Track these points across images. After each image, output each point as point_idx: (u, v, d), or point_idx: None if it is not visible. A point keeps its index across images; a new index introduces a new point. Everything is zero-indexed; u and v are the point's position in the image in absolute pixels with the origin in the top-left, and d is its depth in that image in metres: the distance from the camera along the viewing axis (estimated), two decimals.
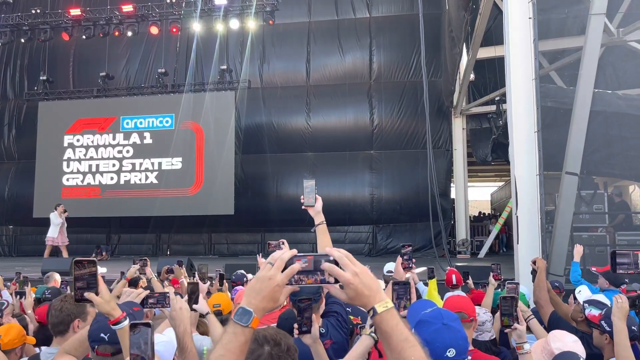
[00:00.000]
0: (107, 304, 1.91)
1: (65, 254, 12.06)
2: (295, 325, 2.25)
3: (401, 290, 2.10)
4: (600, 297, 3.75)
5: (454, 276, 5.00)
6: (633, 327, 2.83)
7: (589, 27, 7.53)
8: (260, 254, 3.89)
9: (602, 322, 2.99)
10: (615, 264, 2.67)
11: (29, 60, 17.70)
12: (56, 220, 12.28)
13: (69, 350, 2.29)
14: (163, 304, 2.56)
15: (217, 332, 2.78)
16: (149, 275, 4.87)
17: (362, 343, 2.11)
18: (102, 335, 1.99)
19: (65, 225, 12.44)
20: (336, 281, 1.18)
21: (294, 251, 1.19)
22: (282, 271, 1.16)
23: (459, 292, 4.25)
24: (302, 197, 2.59)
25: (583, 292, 3.85)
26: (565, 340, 2.62)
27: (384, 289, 2.11)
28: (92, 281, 1.89)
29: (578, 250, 5.20)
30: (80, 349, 2.19)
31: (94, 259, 1.92)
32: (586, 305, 3.41)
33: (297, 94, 16.16)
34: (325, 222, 2.62)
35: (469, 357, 2.50)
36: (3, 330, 3.14)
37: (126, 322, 1.93)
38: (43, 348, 2.76)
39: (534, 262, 4.08)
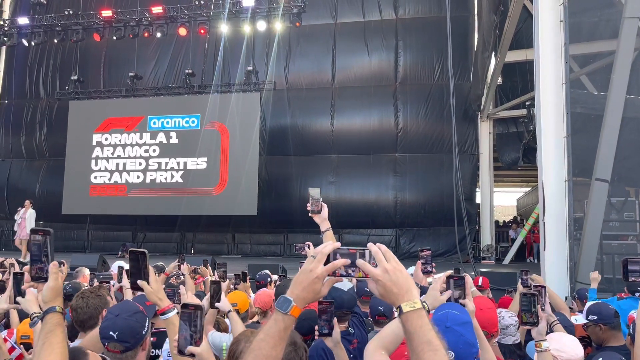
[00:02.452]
0: (155, 294, 1.99)
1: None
2: (316, 327, 2.25)
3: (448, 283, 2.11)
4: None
5: (480, 279, 4.96)
6: None
7: (622, 30, 7.36)
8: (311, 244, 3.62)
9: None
10: (627, 271, 2.66)
11: (61, 60, 18.17)
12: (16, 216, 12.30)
13: (88, 345, 2.34)
14: (173, 300, 2.61)
15: (238, 329, 2.79)
16: (184, 271, 5.00)
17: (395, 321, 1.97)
18: (111, 333, 2.05)
19: (25, 219, 12.06)
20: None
21: (337, 244, 1.25)
22: (325, 264, 1.21)
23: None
24: (308, 204, 2.71)
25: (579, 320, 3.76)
26: (563, 341, 2.63)
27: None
28: (143, 271, 1.99)
29: (594, 277, 5.07)
30: (98, 345, 2.24)
31: (145, 250, 2.00)
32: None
33: (322, 95, 16.17)
34: (331, 228, 2.75)
35: None
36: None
37: (173, 313, 2.00)
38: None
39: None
